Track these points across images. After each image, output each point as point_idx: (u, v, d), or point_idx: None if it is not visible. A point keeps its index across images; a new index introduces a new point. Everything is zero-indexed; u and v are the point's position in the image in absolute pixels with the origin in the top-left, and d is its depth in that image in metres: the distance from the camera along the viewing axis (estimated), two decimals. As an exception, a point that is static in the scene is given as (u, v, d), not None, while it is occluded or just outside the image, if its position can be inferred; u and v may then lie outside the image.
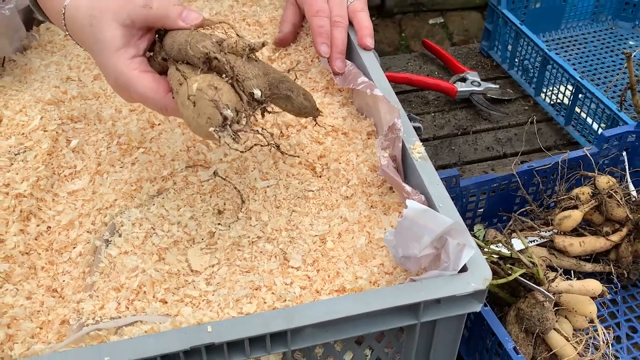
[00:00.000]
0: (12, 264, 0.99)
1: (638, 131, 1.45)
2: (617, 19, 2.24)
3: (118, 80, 1.00)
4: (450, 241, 0.86)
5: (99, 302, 0.92)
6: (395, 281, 0.94)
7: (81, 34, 1.03)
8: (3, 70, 1.33)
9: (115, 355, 0.77)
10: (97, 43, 1.00)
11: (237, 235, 1.02)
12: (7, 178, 1.07)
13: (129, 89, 1.00)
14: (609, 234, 1.33)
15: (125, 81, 0.99)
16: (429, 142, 1.78)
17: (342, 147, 1.15)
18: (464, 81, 1.91)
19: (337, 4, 1.30)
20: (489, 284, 0.85)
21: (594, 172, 1.38)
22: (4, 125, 1.15)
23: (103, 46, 1.00)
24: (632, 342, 1.31)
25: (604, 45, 2.15)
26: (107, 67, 1.01)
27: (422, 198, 0.98)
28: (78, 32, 1.04)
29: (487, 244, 1.23)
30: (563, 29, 2.20)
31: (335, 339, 0.85)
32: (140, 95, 1.00)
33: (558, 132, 1.81)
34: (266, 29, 1.43)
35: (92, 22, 1.00)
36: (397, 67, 2.05)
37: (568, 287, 1.18)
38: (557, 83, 1.81)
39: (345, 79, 1.21)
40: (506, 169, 1.51)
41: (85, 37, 1.03)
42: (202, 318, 0.88)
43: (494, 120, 1.85)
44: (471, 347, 1.25)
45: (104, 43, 0.99)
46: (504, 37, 2.00)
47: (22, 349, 0.89)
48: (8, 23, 1.34)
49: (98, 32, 1.00)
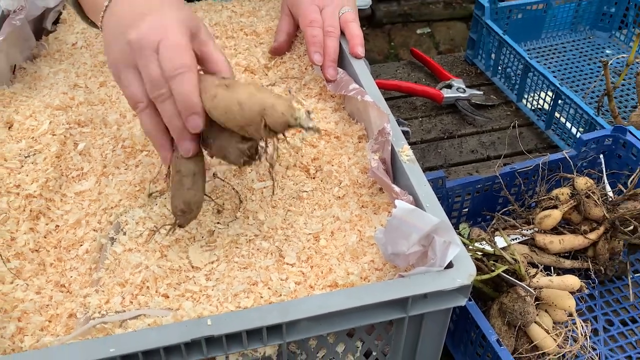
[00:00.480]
0: (22, 260, 0.98)
1: (614, 135, 1.46)
2: (594, 29, 2.25)
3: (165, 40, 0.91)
4: (437, 239, 0.86)
5: (105, 297, 0.92)
6: (384, 277, 0.94)
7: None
8: (14, 78, 1.32)
9: (120, 347, 0.77)
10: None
11: (236, 233, 1.02)
12: (18, 179, 1.06)
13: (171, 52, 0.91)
14: (587, 232, 1.33)
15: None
16: (416, 146, 1.78)
17: (335, 150, 1.14)
18: (450, 88, 1.91)
19: (330, 14, 1.30)
20: (473, 279, 0.85)
21: (573, 174, 1.38)
22: (15, 130, 1.15)
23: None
24: (609, 335, 1.32)
25: (582, 54, 2.16)
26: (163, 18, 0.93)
27: (410, 198, 0.98)
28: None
29: (472, 241, 1.23)
30: (543, 38, 2.21)
31: (328, 331, 0.85)
32: (178, 64, 0.90)
33: (539, 136, 1.81)
34: (262, 38, 1.43)
35: None
36: (386, 75, 2.05)
37: (548, 283, 1.19)
38: (538, 89, 1.81)
39: (338, 86, 1.21)
40: (490, 171, 1.51)
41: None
42: (202, 312, 0.88)
43: (478, 124, 1.85)
44: (456, 340, 1.25)
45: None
46: (488, 46, 2.00)
47: (32, 341, 0.89)
48: (19, 33, 1.34)
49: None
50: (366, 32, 2.70)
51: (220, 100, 0.89)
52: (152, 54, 0.91)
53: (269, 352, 0.87)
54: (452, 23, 2.87)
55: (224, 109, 0.89)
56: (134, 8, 0.95)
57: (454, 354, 1.27)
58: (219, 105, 0.89)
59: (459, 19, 2.89)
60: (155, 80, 0.90)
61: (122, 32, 0.93)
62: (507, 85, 1.97)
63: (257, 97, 0.88)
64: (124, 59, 0.93)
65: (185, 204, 0.94)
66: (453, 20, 2.88)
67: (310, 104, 1.22)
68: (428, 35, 2.79)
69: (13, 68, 1.34)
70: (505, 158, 1.74)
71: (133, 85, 0.93)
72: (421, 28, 2.83)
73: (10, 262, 0.97)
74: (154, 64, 0.90)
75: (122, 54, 0.93)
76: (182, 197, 0.94)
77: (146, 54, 0.91)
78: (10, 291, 0.94)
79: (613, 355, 1.28)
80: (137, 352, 0.78)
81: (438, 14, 2.89)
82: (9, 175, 1.07)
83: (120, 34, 0.94)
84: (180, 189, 0.94)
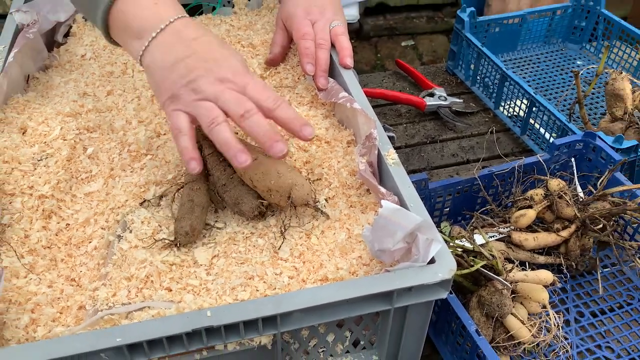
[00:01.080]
0: (35, 256, 0.99)
1: (585, 140, 1.46)
2: (566, 41, 2.25)
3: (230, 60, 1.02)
4: (420, 236, 0.86)
5: (112, 290, 0.92)
6: (371, 272, 0.94)
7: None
8: (27, 87, 1.32)
9: (126, 336, 0.78)
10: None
11: (233, 231, 1.02)
12: (31, 181, 1.06)
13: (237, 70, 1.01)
14: (559, 230, 1.34)
15: (240, 64, 1.03)
16: (401, 150, 1.78)
17: (325, 154, 1.15)
18: (432, 96, 1.92)
19: (321, 28, 1.31)
20: (454, 274, 0.85)
21: (546, 176, 1.39)
22: (29, 135, 1.15)
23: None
24: (580, 325, 1.32)
25: (554, 65, 2.16)
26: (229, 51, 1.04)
27: (395, 199, 0.98)
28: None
29: (453, 239, 1.23)
30: (519, 50, 2.21)
31: (319, 322, 0.85)
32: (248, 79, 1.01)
33: (515, 141, 1.82)
34: (258, 50, 1.43)
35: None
36: (373, 84, 2.05)
37: (523, 277, 1.19)
38: (514, 98, 1.82)
39: (328, 94, 1.21)
40: (469, 173, 1.52)
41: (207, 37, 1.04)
42: (202, 304, 0.88)
43: (458, 130, 1.86)
44: (438, 330, 1.26)
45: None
46: (467, 58, 2.00)
47: (44, 331, 0.89)
48: (32, 45, 1.34)
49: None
50: (355, 45, 2.70)
51: (260, 164, 1.01)
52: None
53: (264, 342, 0.87)
54: (435, 36, 2.87)
55: (262, 171, 1.00)
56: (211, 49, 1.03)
57: (436, 343, 1.27)
58: (259, 168, 1.01)
59: (441, 32, 2.88)
60: (242, 100, 0.98)
61: (199, 66, 1.00)
62: (485, 94, 1.97)
63: (292, 174, 1.01)
64: (201, 97, 0.99)
65: (191, 228, 0.98)
66: (435, 34, 2.88)
67: (302, 111, 1.22)
68: (412, 47, 2.79)
69: (27, 78, 1.34)
70: (483, 161, 1.75)
71: (212, 108, 0.98)
72: (405, 41, 2.83)
73: (24, 257, 0.98)
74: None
75: (198, 94, 0.99)
76: (190, 222, 0.98)
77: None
78: (24, 285, 0.94)
79: (583, 344, 1.28)
80: (142, 342, 0.78)
81: (421, 27, 2.89)
82: (23, 177, 1.07)
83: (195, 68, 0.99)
84: (190, 215, 0.99)
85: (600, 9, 2.13)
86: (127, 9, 1.03)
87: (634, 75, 2.01)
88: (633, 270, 1.44)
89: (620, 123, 1.63)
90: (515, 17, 2.10)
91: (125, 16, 1.03)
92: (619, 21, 2.06)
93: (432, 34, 2.90)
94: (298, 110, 1.22)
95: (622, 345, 1.29)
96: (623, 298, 1.39)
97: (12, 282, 0.94)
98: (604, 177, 1.36)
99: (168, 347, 0.80)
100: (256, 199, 1.03)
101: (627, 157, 1.46)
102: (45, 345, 0.77)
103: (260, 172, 1.00)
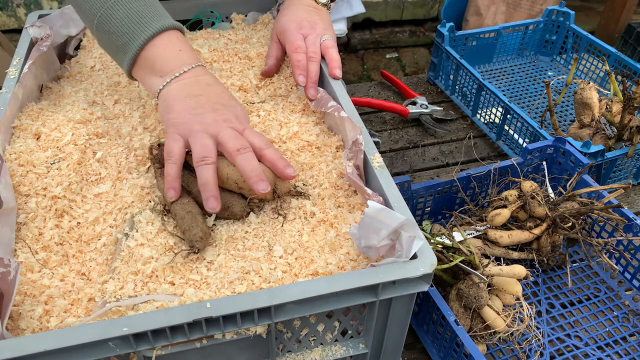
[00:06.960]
0: (48, 252, 0.99)
1: (555, 145, 1.47)
2: (538, 54, 2.26)
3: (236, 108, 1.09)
4: (403, 234, 0.86)
5: (119, 284, 0.92)
6: (358, 266, 0.94)
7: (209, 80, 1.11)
8: (41, 96, 1.32)
9: (132, 326, 0.78)
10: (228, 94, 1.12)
11: (232, 230, 1.02)
12: (45, 183, 1.06)
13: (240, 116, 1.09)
14: (532, 228, 1.34)
15: (243, 112, 1.11)
16: (386, 154, 1.79)
17: (315, 158, 1.15)
18: (415, 104, 1.92)
19: (312, 42, 1.31)
20: (434, 268, 0.85)
21: (520, 178, 1.39)
22: (42, 140, 1.15)
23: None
24: (551, 316, 1.33)
25: (527, 75, 2.17)
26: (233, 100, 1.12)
27: (380, 199, 0.98)
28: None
29: (433, 236, 1.23)
30: (495, 62, 2.22)
31: (310, 313, 0.85)
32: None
33: (491, 146, 1.83)
34: (254, 62, 1.43)
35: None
36: (360, 93, 2.06)
37: (498, 271, 1.19)
38: (490, 106, 1.83)
39: (318, 103, 1.22)
40: (449, 176, 1.52)
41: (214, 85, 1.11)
42: (203, 297, 0.88)
43: (438, 136, 1.86)
44: (420, 320, 1.26)
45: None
46: (447, 69, 2.01)
47: (56, 322, 0.89)
48: (45, 57, 1.33)
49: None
50: (343, 57, 2.70)
51: (234, 172, 1.03)
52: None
53: (259, 331, 0.87)
54: (417, 49, 2.88)
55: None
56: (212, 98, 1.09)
57: (418, 333, 1.28)
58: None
59: (422, 46, 2.90)
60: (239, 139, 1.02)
61: (206, 110, 1.06)
62: (463, 102, 1.98)
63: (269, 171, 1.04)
64: (203, 128, 1.03)
65: (204, 232, 0.98)
66: (417, 47, 2.89)
67: (295, 118, 1.23)
68: (396, 59, 2.79)
69: (40, 87, 1.33)
70: (462, 165, 1.75)
71: (209, 146, 1.01)
72: (390, 53, 2.84)
73: (38, 253, 0.98)
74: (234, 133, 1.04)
75: (202, 125, 1.03)
76: (200, 227, 0.98)
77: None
78: (38, 279, 0.94)
79: (554, 333, 1.29)
80: (147, 331, 0.78)
81: (404, 41, 2.90)
82: (37, 179, 1.07)
83: (202, 113, 1.05)
84: (196, 223, 0.99)
85: (569, 24, 2.14)
86: (154, 54, 1.11)
87: (600, 85, 2.02)
88: (600, 265, 1.45)
89: (588, 129, 1.64)
90: (491, 31, 2.11)
91: (152, 60, 1.11)
92: (586, 35, 2.07)
93: (414, 47, 2.91)
94: (291, 118, 1.22)
95: (589, 334, 1.30)
96: (590, 291, 1.40)
97: (27, 276, 0.94)
98: (573, 179, 1.36)
99: (171, 336, 0.80)
100: (244, 199, 1.05)
101: (594, 161, 1.47)
102: (58, 335, 0.77)
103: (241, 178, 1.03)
